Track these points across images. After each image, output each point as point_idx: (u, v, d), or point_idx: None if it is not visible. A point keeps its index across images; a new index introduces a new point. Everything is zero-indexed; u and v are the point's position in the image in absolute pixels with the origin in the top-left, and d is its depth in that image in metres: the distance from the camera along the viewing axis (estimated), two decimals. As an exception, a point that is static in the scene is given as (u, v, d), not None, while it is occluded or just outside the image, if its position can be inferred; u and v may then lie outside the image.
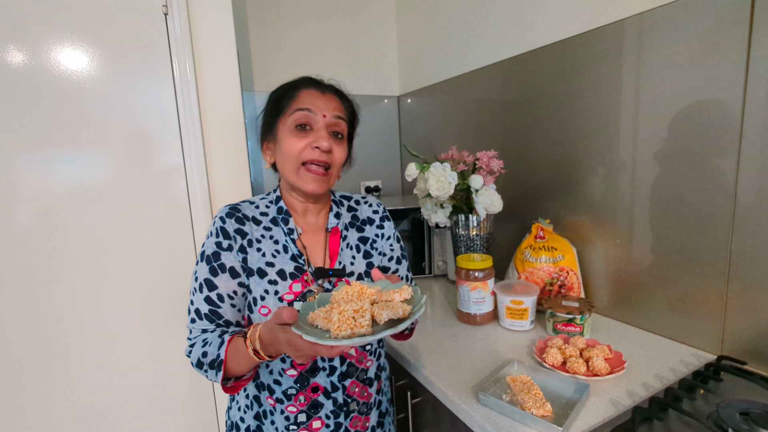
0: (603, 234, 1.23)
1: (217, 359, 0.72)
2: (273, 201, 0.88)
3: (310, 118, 0.80)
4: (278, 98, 0.83)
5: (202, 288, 0.78)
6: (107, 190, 1.25)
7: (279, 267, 0.80)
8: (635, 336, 1.12)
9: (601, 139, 1.20)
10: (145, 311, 1.33)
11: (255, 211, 0.85)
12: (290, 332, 0.58)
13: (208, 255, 0.79)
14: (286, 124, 0.80)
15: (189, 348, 0.79)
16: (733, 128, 0.91)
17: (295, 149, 0.79)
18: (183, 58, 1.28)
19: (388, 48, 2.18)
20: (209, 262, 0.78)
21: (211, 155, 1.36)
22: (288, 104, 0.81)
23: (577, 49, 1.23)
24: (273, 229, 0.83)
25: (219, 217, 0.81)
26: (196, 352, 0.76)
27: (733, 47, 0.90)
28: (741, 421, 0.72)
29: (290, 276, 0.80)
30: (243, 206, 0.84)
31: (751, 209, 0.90)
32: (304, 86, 0.83)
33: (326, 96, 0.83)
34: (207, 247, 0.79)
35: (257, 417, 0.83)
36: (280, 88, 0.86)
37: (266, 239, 0.82)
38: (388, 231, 0.94)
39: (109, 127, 1.24)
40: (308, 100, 0.80)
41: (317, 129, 0.80)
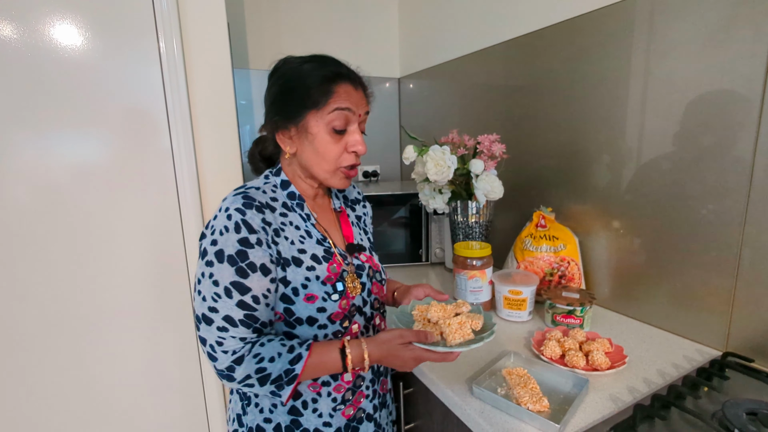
0: (606, 224, 1.18)
1: (288, 374, 0.69)
2: (278, 185, 0.81)
3: (349, 119, 0.77)
4: (308, 87, 0.75)
5: (230, 293, 0.69)
6: (88, 172, 1.21)
7: (310, 252, 0.78)
8: (637, 330, 1.08)
9: (607, 125, 1.14)
10: (132, 297, 1.30)
11: (265, 197, 0.76)
12: (417, 349, 0.72)
13: (231, 255, 0.69)
14: (322, 120, 0.75)
15: (229, 362, 0.69)
16: (750, 117, 0.86)
17: (333, 153, 0.77)
18: (170, 34, 1.21)
19: (389, 27, 2.11)
20: (234, 263, 0.69)
21: (200, 137, 1.31)
22: (324, 100, 0.74)
23: (584, 29, 1.17)
24: (289, 215, 0.79)
25: (235, 209, 0.70)
26: (246, 367, 0.69)
27: (752, 29, 0.84)
28: (748, 421, 0.68)
29: (323, 259, 0.79)
30: (253, 193, 0.75)
31: (766, 202, 0.85)
32: (341, 80, 0.76)
33: (359, 91, 0.79)
34: (225, 246, 0.69)
35: (292, 411, 0.79)
36: (308, 73, 0.76)
37: (288, 226, 0.77)
38: (369, 211, 1.01)
39: (90, 109, 1.18)
40: (346, 97, 0.76)
41: (352, 131, 0.78)
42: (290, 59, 0.80)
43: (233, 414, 0.84)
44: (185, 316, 1.37)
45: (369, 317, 0.85)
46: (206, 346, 0.70)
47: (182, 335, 1.38)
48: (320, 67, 0.76)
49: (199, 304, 0.71)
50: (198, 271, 0.72)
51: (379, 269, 0.91)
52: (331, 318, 0.77)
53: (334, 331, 0.79)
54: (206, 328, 0.70)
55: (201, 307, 0.70)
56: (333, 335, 0.79)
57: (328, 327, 0.78)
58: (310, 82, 0.75)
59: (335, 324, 0.78)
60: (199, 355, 1.41)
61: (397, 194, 1.64)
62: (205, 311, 0.70)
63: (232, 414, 0.85)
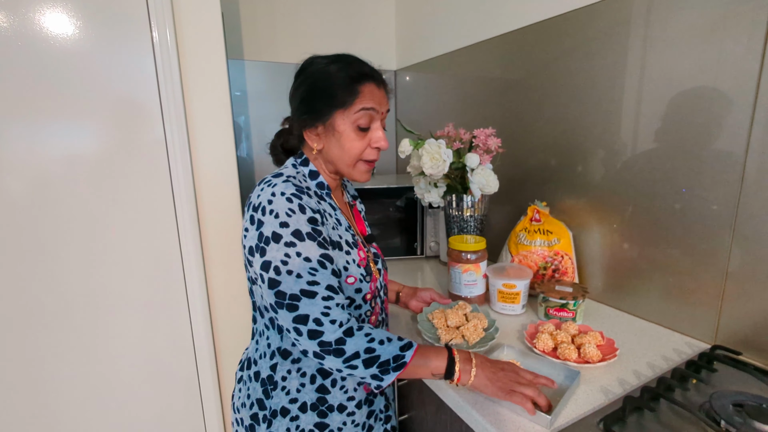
0: (600, 218, 1.19)
1: (397, 360, 0.72)
2: (307, 175, 0.86)
3: (373, 117, 0.82)
4: (335, 87, 0.79)
5: (323, 264, 0.73)
6: (81, 163, 1.19)
7: (344, 238, 0.83)
8: (628, 323, 1.09)
9: (602, 119, 1.15)
10: (126, 289, 1.30)
11: (302, 185, 0.80)
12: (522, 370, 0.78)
13: (308, 232, 0.73)
14: (348, 119, 0.80)
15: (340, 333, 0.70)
16: (743, 113, 0.86)
17: (357, 149, 0.82)
18: (163, 24, 1.20)
19: (386, 19, 2.10)
20: (314, 239, 0.73)
21: (194, 129, 1.30)
22: (351, 100, 0.79)
23: (581, 23, 1.17)
24: (322, 203, 0.83)
25: (292, 194, 0.74)
26: (357, 342, 0.71)
27: (747, 24, 0.84)
28: (734, 413, 0.70)
29: (353, 245, 0.84)
30: (294, 181, 0.78)
31: (759, 196, 0.86)
32: (366, 80, 0.80)
33: (381, 90, 0.83)
34: (300, 225, 0.73)
35: (320, 390, 0.83)
36: (335, 74, 0.79)
37: (326, 213, 0.82)
38: (363, 206, 1.05)
39: (82, 99, 1.17)
40: (371, 97, 0.80)
41: (375, 128, 0.83)
42: (317, 59, 0.84)
43: (250, 399, 0.85)
44: (180, 307, 1.37)
45: (382, 300, 0.93)
46: (308, 324, 0.70)
47: (177, 326, 1.38)
48: (346, 68, 0.80)
49: (293, 283, 0.71)
50: (274, 254, 0.72)
51: (384, 259, 0.99)
52: (365, 298, 0.84)
53: (365, 311, 0.86)
54: (309, 302, 0.71)
55: (297, 285, 0.71)
56: (365, 314, 0.86)
57: (362, 307, 0.85)
58: (337, 83, 0.79)
59: (367, 304, 0.85)
60: (194, 346, 1.41)
61: (392, 187, 1.64)
62: (305, 287, 0.71)
63: (246, 400, 0.86)
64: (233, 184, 1.39)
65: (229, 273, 1.43)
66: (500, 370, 0.75)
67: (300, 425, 0.83)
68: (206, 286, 1.39)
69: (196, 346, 1.41)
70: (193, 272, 1.35)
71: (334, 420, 0.84)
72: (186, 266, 1.35)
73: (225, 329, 1.45)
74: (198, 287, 1.37)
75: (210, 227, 1.37)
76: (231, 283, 1.44)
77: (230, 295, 1.44)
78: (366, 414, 0.89)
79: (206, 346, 1.41)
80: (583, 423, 0.72)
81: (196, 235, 1.34)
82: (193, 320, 1.39)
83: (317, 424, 0.83)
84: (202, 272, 1.37)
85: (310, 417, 0.83)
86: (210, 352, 1.42)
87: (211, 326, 1.42)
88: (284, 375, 0.82)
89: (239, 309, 1.47)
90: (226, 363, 1.47)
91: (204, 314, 1.39)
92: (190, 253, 1.34)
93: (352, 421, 0.86)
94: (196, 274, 1.36)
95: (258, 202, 0.75)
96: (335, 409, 0.84)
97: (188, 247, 1.34)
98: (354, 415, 0.86)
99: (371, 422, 0.91)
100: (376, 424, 0.93)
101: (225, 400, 1.50)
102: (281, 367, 0.83)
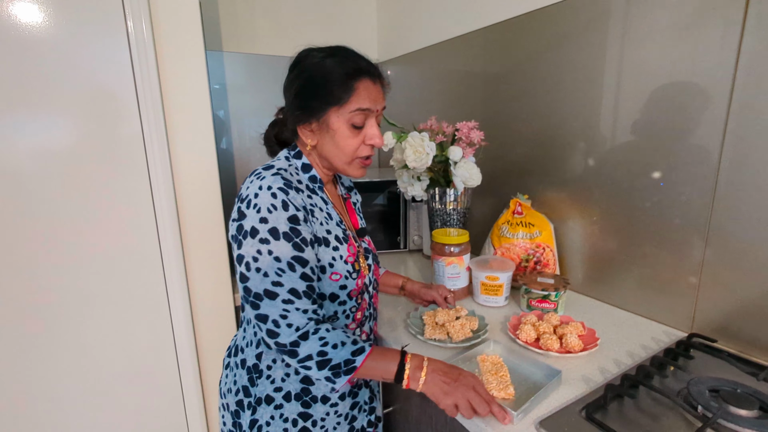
0: (580, 210, 1.21)
1: (348, 365, 0.72)
2: (299, 168, 0.84)
3: (368, 116, 0.81)
4: (330, 83, 0.77)
5: (293, 266, 0.72)
6: (53, 158, 1.15)
7: (334, 233, 0.82)
8: (608, 313, 1.12)
9: (582, 113, 1.16)
10: (104, 287, 1.26)
11: (293, 178, 0.79)
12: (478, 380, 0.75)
13: (285, 231, 0.72)
14: (343, 117, 0.78)
15: (295, 337, 0.71)
16: (719, 106, 0.88)
17: (351, 147, 0.81)
18: (138, 13, 1.16)
19: (367, 11, 2.07)
20: (290, 239, 0.72)
21: (172, 122, 1.26)
22: (346, 97, 0.77)
23: (562, 16, 1.18)
24: (313, 197, 0.82)
25: (278, 188, 0.73)
26: (311, 346, 0.72)
27: (723, 18, 0.86)
28: (711, 398, 0.72)
29: (343, 240, 0.83)
30: (285, 174, 0.77)
31: (733, 188, 0.88)
32: (361, 76, 0.78)
33: (377, 86, 0.81)
34: (278, 223, 0.72)
35: (305, 380, 0.83)
36: (330, 69, 0.77)
37: (316, 208, 0.81)
38: (359, 198, 1.04)
39: (53, 91, 1.11)
40: (366, 95, 0.78)
41: (370, 125, 0.82)
42: (312, 52, 0.81)
43: (236, 386, 0.86)
44: (160, 305, 1.34)
45: (371, 295, 0.93)
46: (267, 323, 0.72)
47: (157, 324, 1.35)
48: (342, 63, 0.78)
49: (259, 281, 0.72)
50: (248, 249, 0.72)
51: (376, 253, 0.99)
52: (350, 295, 0.84)
53: (350, 307, 0.85)
54: (269, 303, 0.71)
55: (262, 284, 0.71)
56: (349, 310, 0.85)
57: (347, 303, 0.84)
58: (332, 79, 0.77)
59: (352, 300, 0.85)
60: (175, 343, 1.38)
61: (375, 181, 1.64)
62: (268, 287, 0.71)
63: (233, 387, 0.87)
64: (213, 179, 1.36)
65: (210, 268, 1.40)
66: (453, 380, 0.72)
67: (284, 413, 0.83)
68: (186, 282, 1.36)
69: (177, 342, 1.38)
70: (173, 268, 1.32)
71: (318, 410, 0.84)
72: (165, 262, 1.32)
73: (207, 324, 1.43)
74: (178, 283, 1.34)
75: (190, 222, 1.34)
76: (212, 278, 1.41)
77: (211, 290, 1.42)
78: (350, 405, 0.89)
79: (187, 343, 1.38)
80: (566, 411, 0.73)
81: (176, 231, 1.31)
82: (174, 317, 1.36)
83: (301, 414, 0.84)
84: (182, 268, 1.34)
85: (294, 406, 0.83)
86: (191, 349, 1.39)
87: (192, 322, 1.39)
88: (269, 364, 0.83)
89: (221, 304, 1.44)
90: (208, 358, 1.45)
91: (185, 311, 1.36)
92: (170, 249, 1.31)
93: (336, 411, 0.86)
94: (176, 270, 1.33)
95: (246, 194, 0.75)
96: (319, 400, 0.84)
97: (168, 243, 1.30)
98: (337, 406, 0.86)
99: (354, 413, 0.91)
100: (360, 414, 0.93)
101: (207, 395, 1.48)
102: (266, 356, 0.83)
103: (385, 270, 1.15)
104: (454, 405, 0.71)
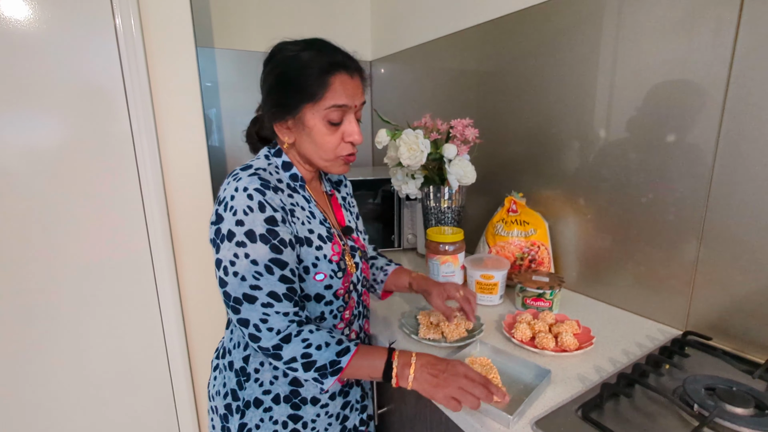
0: (575, 208, 1.20)
1: (334, 365, 0.71)
2: (279, 167, 0.82)
3: (346, 112, 0.77)
4: (304, 79, 0.74)
5: (271, 269, 0.71)
6: (41, 156, 1.13)
7: (317, 232, 0.80)
8: (604, 311, 1.11)
9: (577, 110, 1.16)
10: (94, 287, 1.24)
11: (272, 178, 0.77)
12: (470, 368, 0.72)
13: (262, 234, 0.70)
14: (318, 113, 0.75)
15: (277, 340, 0.70)
16: (714, 104, 0.88)
17: (330, 144, 0.78)
18: (126, 9, 1.14)
19: (361, 8, 2.06)
20: (267, 241, 0.71)
21: (162, 120, 1.24)
22: (320, 93, 0.74)
23: (555, 14, 1.17)
24: (294, 196, 0.80)
25: (255, 189, 0.71)
26: (294, 348, 0.71)
27: (721, 15, 0.85)
28: (706, 396, 0.71)
29: (327, 239, 0.81)
30: (263, 174, 0.75)
31: (727, 186, 0.88)
32: (337, 71, 0.74)
33: (354, 80, 0.77)
34: (254, 225, 0.70)
35: (293, 382, 0.82)
36: (304, 64, 0.74)
37: (297, 207, 0.79)
38: (350, 189, 1.03)
39: (40, 88, 1.10)
40: (342, 91, 0.75)
41: (348, 121, 0.78)
42: (286, 46, 0.78)
43: (225, 389, 0.85)
44: (150, 304, 1.32)
45: (360, 294, 0.91)
46: (249, 327, 0.71)
47: (147, 324, 1.33)
48: (316, 57, 0.74)
49: (237, 285, 0.70)
50: (225, 253, 0.71)
51: (366, 249, 0.97)
52: (336, 294, 0.82)
53: (337, 306, 0.83)
54: (249, 307, 0.70)
55: (241, 288, 0.70)
56: (336, 310, 0.83)
57: (333, 303, 0.82)
58: (306, 74, 0.74)
59: (339, 300, 0.83)
60: (166, 343, 1.36)
61: (369, 179, 1.62)
62: (247, 291, 0.70)
63: (221, 389, 0.85)
64: (204, 177, 1.34)
65: (201, 267, 1.38)
66: (442, 372, 0.70)
67: (273, 416, 0.82)
68: (177, 282, 1.34)
69: (168, 342, 1.36)
70: (163, 268, 1.30)
71: (308, 412, 0.83)
72: (156, 262, 1.30)
73: (198, 325, 1.41)
74: (169, 283, 1.32)
75: (181, 221, 1.32)
76: (204, 277, 1.39)
77: (203, 289, 1.40)
78: (341, 405, 0.88)
79: (178, 342, 1.36)
80: (561, 411, 0.72)
81: (166, 230, 1.29)
82: (165, 317, 1.34)
83: (291, 416, 0.82)
84: (172, 267, 1.32)
85: (284, 409, 0.82)
86: (182, 350, 1.38)
87: (183, 322, 1.38)
88: (257, 367, 0.81)
89: (212, 303, 1.42)
90: (199, 359, 1.43)
91: (176, 310, 1.34)
92: (160, 248, 1.29)
93: (326, 412, 0.85)
94: (167, 269, 1.31)
95: (223, 196, 0.73)
96: (309, 402, 0.83)
97: (158, 242, 1.28)
98: (328, 407, 0.85)
99: (346, 412, 0.90)
100: (352, 413, 0.92)
101: (198, 397, 1.46)
102: (254, 359, 0.81)
103: (394, 267, 1.05)
104: (451, 398, 0.67)
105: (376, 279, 1.04)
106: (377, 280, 1.04)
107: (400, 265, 1.06)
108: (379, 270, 1.05)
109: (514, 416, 0.69)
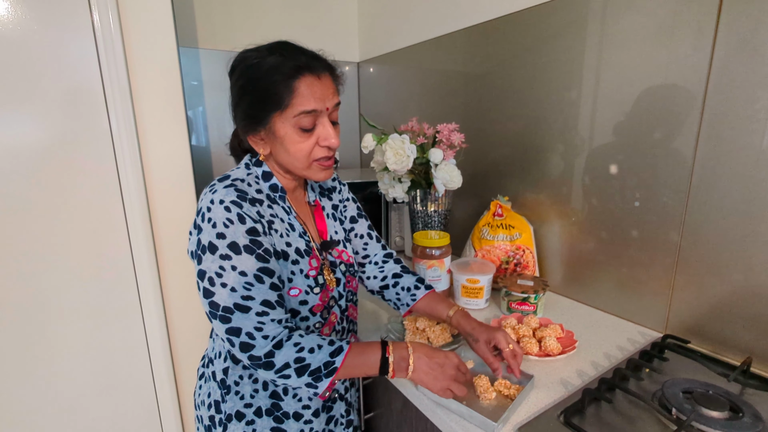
0: (559, 212, 1.22)
1: (328, 366, 0.70)
2: (260, 177, 0.80)
3: (318, 117, 0.74)
4: (267, 87, 0.70)
5: (260, 279, 0.70)
6: (16, 157, 1.09)
7: (295, 246, 0.78)
8: (586, 314, 1.13)
9: (561, 115, 1.17)
10: (73, 291, 1.21)
11: (251, 189, 0.75)
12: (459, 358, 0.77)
13: (246, 245, 0.69)
14: (287, 122, 0.72)
15: (269, 347, 0.69)
16: (694, 110, 0.90)
17: (304, 151, 0.75)
18: (104, 5, 1.11)
19: (348, 9, 2.05)
20: (252, 252, 0.69)
21: (143, 120, 1.22)
22: (287, 101, 0.70)
23: (541, 19, 1.18)
24: (274, 207, 0.78)
25: (231, 202, 0.69)
26: (286, 354, 0.69)
27: (699, 24, 0.87)
28: (684, 400, 0.73)
29: (305, 253, 0.79)
30: (240, 185, 0.73)
31: (706, 191, 0.90)
32: (302, 74, 0.70)
33: (323, 81, 0.73)
34: (236, 237, 0.69)
35: (273, 396, 0.81)
36: (267, 72, 0.70)
37: (276, 219, 0.77)
38: (345, 193, 0.99)
39: (14, 87, 1.06)
40: (310, 95, 0.71)
41: (323, 125, 0.75)
42: (247, 55, 0.74)
43: (209, 399, 0.84)
44: (132, 309, 1.30)
45: (344, 309, 0.88)
46: (240, 336, 0.69)
47: (129, 331, 1.31)
48: (278, 63, 0.70)
49: (227, 295, 0.68)
50: (209, 264, 0.69)
51: (352, 262, 0.91)
52: (312, 310, 0.79)
53: (314, 323, 0.81)
54: (242, 316, 0.68)
55: (231, 299, 0.68)
56: (313, 327, 0.81)
57: (310, 319, 0.80)
58: (269, 82, 0.70)
59: (316, 316, 0.80)
60: (149, 351, 1.34)
61: (356, 182, 1.62)
62: (239, 301, 0.68)
63: (206, 399, 0.85)
64: (188, 179, 1.32)
65: (185, 271, 1.36)
66: (438, 366, 0.74)
67: (256, 429, 0.81)
68: (160, 287, 1.32)
69: (151, 350, 1.34)
70: (145, 271, 1.28)
71: (291, 426, 0.82)
72: (137, 265, 1.27)
73: (183, 330, 1.39)
74: (151, 288, 1.29)
75: (163, 224, 1.30)
76: (188, 281, 1.37)
77: (187, 295, 1.38)
78: (325, 421, 0.87)
79: (161, 351, 1.34)
80: (544, 416, 0.73)
81: (148, 233, 1.26)
82: (147, 323, 1.32)
83: (274, 429, 0.81)
84: (155, 271, 1.30)
85: (267, 422, 0.81)
86: (166, 357, 1.35)
87: (167, 329, 1.35)
88: (236, 380, 0.80)
89: (198, 309, 1.40)
90: (184, 367, 1.41)
91: (159, 316, 1.32)
92: (142, 251, 1.26)
93: (311, 429, 0.84)
94: (149, 273, 1.28)
95: (200, 207, 0.72)
96: (291, 417, 0.82)
97: (139, 245, 1.26)
98: (312, 423, 0.84)
99: (331, 427, 0.89)
100: (337, 428, 0.91)
101: (183, 405, 1.44)
102: (233, 372, 0.80)
103: (424, 292, 0.95)
104: (446, 389, 0.73)
105: (400, 299, 0.96)
106: (402, 302, 0.96)
107: (432, 289, 0.97)
108: (405, 292, 0.96)
109: (498, 423, 0.70)
